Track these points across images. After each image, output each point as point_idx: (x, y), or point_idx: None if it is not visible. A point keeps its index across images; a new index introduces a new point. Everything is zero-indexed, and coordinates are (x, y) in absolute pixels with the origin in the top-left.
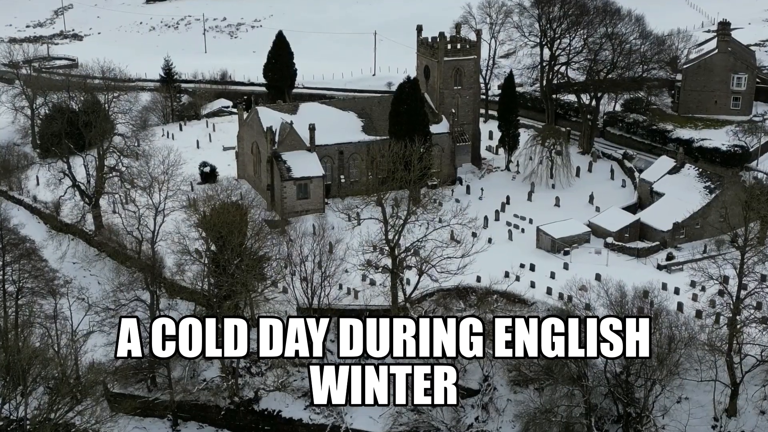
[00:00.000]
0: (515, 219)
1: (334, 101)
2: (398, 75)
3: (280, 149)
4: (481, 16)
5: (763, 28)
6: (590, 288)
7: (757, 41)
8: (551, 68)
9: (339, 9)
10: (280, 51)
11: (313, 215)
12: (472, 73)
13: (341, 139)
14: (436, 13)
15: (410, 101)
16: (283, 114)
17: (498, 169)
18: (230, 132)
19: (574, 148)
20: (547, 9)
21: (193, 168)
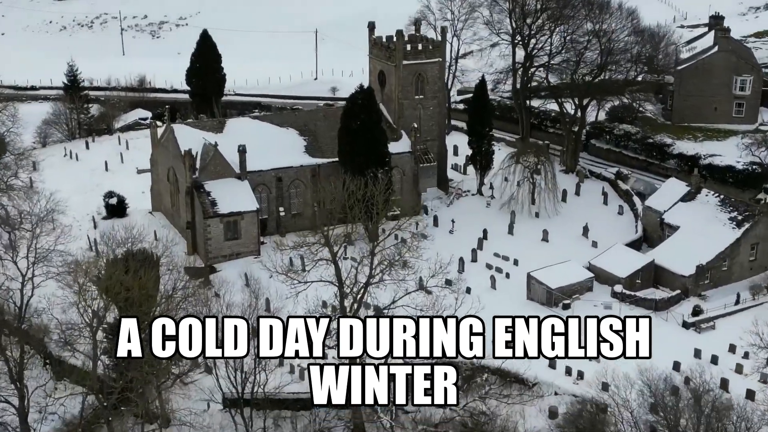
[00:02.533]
0: (497, 260)
1: (270, 116)
2: (344, 79)
3: (203, 177)
4: (441, 11)
5: (740, 22)
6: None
7: (737, 37)
8: (526, 71)
9: (275, 5)
10: (206, 53)
11: (246, 259)
12: (436, 80)
13: (279, 162)
14: (386, 9)
15: (364, 116)
16: (205, 133)
17: (468, 193)
18: (146, 150)
19: (555, 165)
20: (523, 2)
21: (99, 199)
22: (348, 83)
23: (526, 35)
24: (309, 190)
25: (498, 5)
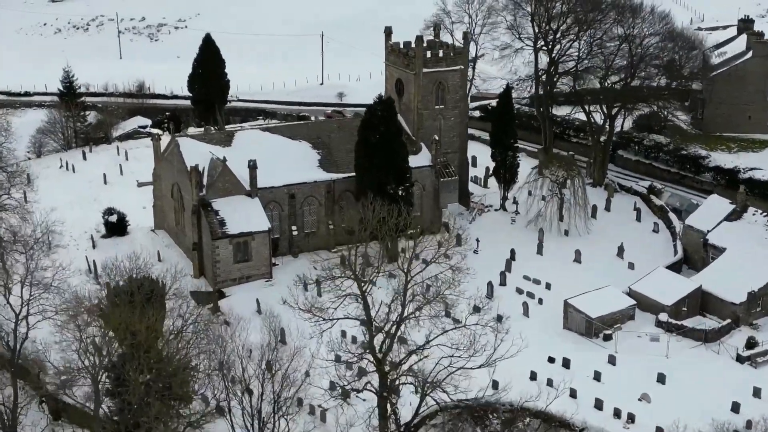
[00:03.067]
0: (527, 283)
1: (281, 127)
2: (350, 83)
3: (211, 195)
4: (457, 14)
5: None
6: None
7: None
8: (550, 78)
9: (275, 6)
10: (209, 58)
11: (257, 282)
12: (457, 88)
13: (292, 178)
14: (389, 10)
15: (384, 128)
16: (212, 146)
17: (490, 208)
18: (147, 161)
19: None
20: (547, 4)
21: (97, 215)
22: (355, 88)
23: (550, 40)
24: (323, 208)
25: (521, 9)
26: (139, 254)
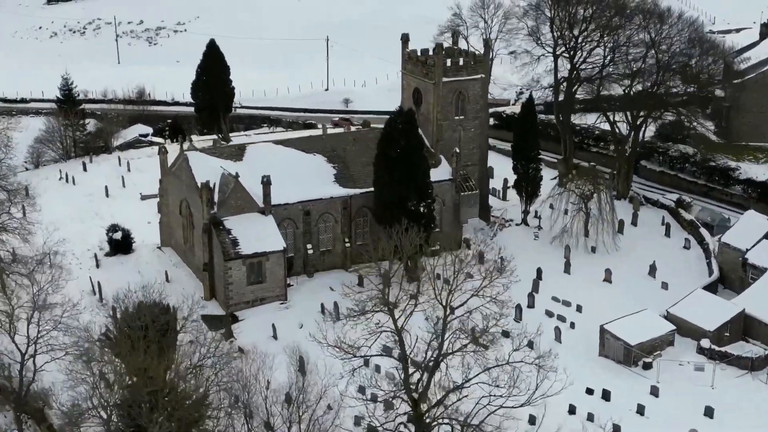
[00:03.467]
0: (556, 305)
1: (294, 140)
2: (356, 89)
3: (222, 212)
4: (472, 19)
5: None
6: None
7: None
8: (571, 85)
9: (277, 9)
10: (213, 64)
11: (271, 305)
12: (478, 98)
13: (307, 194)
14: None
15: (405, 142)
16: (223, 161)
17: (511, 223)
18: (150, 171)
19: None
20: (569, 9)
21: (100, 231)
22: (361, 94)
23: (570, 47)
24: (339, 225)
25: (542, 14)
26: (150, 282)
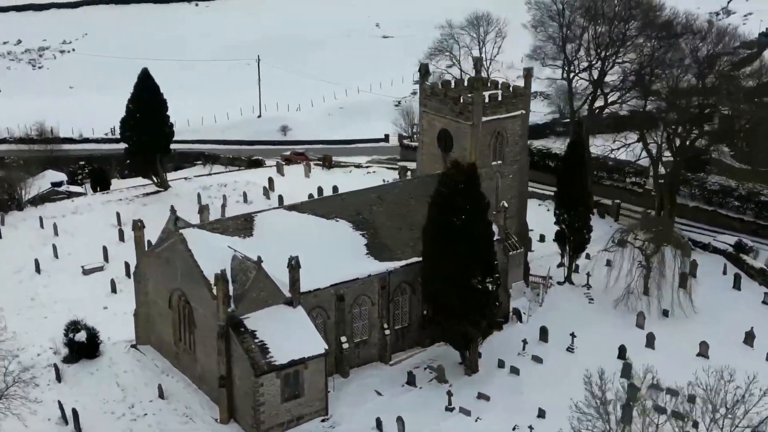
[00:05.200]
0: (662, 396)
1: (310, 204)
2: (291, 115)
3: (242, 309)
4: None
5: None
6: None
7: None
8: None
9: (180, 25)
10: (147, 99)
11: (311, 423)
12: (517, 138)
13: (339, 274)
14: (315, 27)
15: (469, 207)
16: (229, 238)
17: (552, 281)
18: (83, 233)
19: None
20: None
21: (45, 325)
22: (298, 120)
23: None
24: (377, 308)
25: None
26: (137, 400)
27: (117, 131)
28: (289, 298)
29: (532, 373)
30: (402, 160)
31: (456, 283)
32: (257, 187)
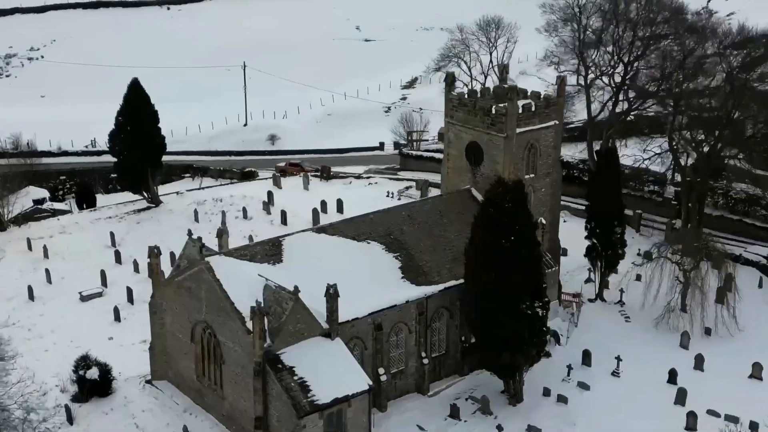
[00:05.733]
0: (716, 422)
1: (337, 225)
2: (279, 122)
3: (279, 344)
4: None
5: None
6: None
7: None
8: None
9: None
10: (137, 111)
11: None
12: (550, 150)
13: (376, 301)
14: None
15: (518, 227)
16: (258, 265)
17: (582, 299)
18: (74, 256)
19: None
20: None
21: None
22: (285, 128)
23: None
24: (414, 335)
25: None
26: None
27: (98, 143)
28: (326, 330)
29: (580, 401)
30: (402, 169)
31: (504, 309)
32: (255, 202)
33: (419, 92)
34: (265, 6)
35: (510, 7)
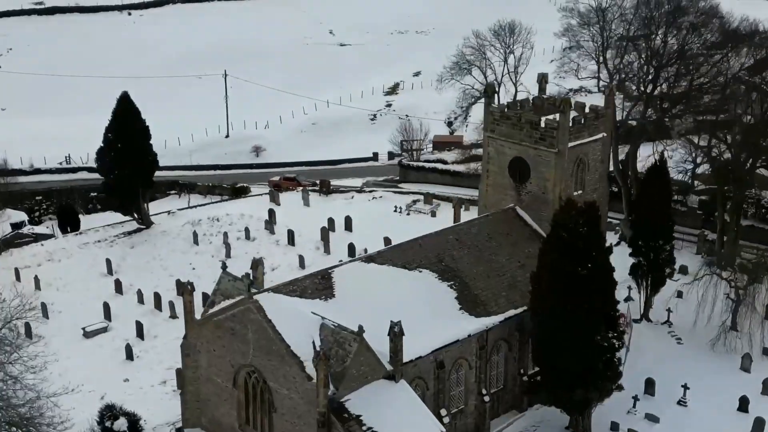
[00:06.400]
0: None
1: (385, 254)
2: (262, 132)
3: (343, 390)
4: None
5: None
6: None
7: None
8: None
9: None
10: (128, 126)
11: None
12: (598, 164)
13: (438, 337)
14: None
15: (593, 250)
16: (309, 301)
17: (630, 320)
18: (67, 282)
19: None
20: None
21: (75, 412)
22: (269, 139)
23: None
24: (474, 371)
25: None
26: None
27: (72, 160)
28: (390, 372)
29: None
30: (402, 181)
31: (579, 340)
32: (255, 221)
33: (403, 98)
34: (232, 10)
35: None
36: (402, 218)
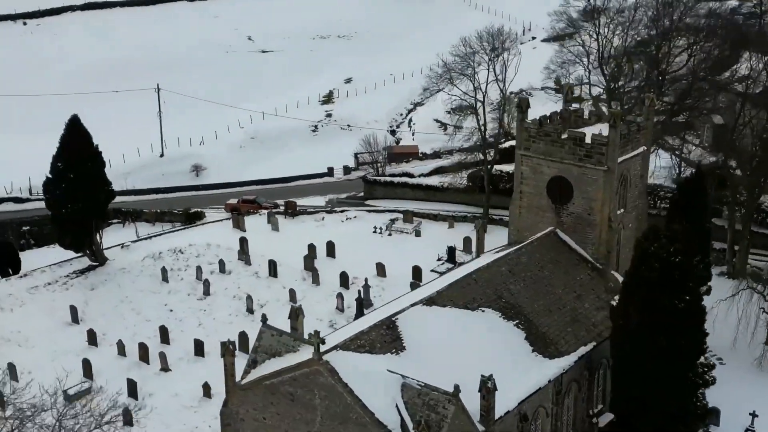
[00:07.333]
0: None
1: (446, 293)
2: (198, 150)
3: None
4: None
5: None
6: None
7: None
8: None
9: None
10: (79, 153)
11: None
12: (638, 179)
13: (518, 387)
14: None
15: (690, 281)
16: (380, 357)
17: None
18: (28, 336)
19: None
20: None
21: None
22: (206, 156)
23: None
24: (550, 419)
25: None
26: None
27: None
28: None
29: None
30: (368, 197)
31: (673, 379)
32: (224, 250)
33: (341, 107)
34: (139, 18)
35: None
36: (384, 240)
